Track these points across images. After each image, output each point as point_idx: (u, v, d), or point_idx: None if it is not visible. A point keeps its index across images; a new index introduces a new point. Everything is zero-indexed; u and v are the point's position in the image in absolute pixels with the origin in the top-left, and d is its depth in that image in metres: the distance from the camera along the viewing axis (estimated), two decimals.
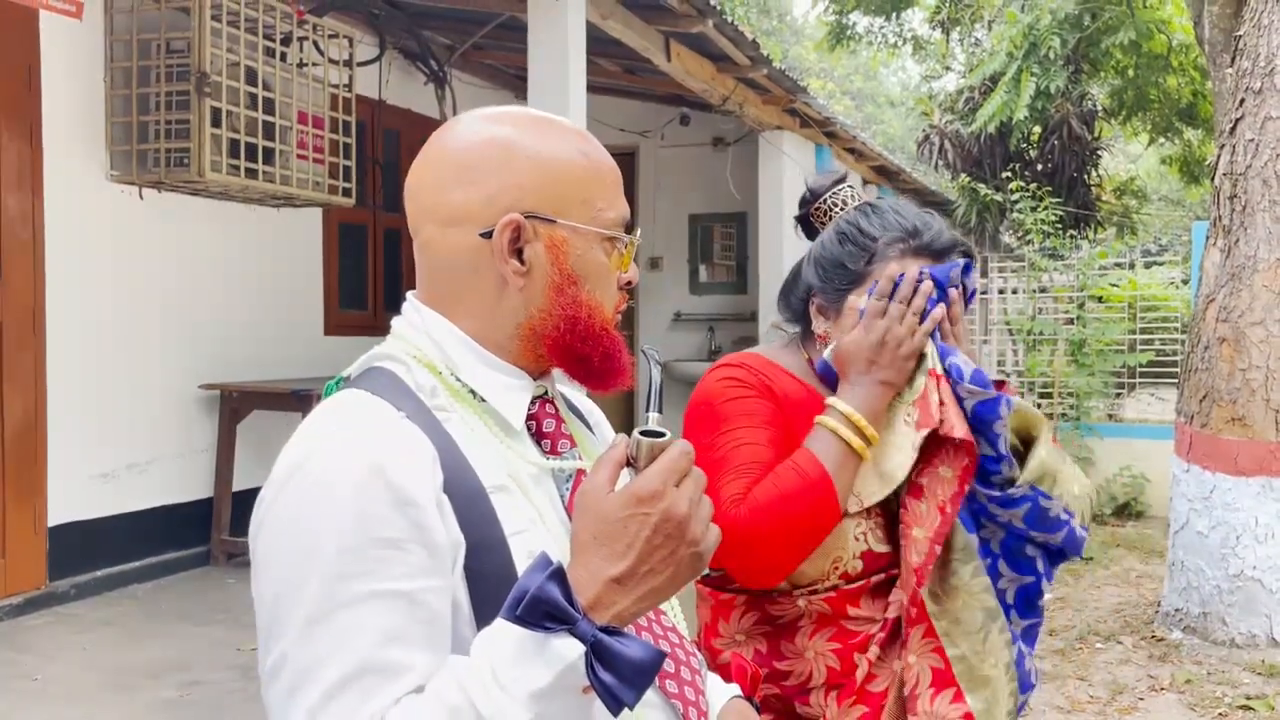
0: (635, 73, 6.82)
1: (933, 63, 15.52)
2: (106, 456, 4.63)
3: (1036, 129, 11.15)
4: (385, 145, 6.42)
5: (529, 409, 1.03)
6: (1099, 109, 11.88)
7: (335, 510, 0.86)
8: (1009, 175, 8.86)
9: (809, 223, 1.66)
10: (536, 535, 0.95)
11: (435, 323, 1.01)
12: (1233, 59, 4.22)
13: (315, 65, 4.97)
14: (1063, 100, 10.41)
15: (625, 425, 1.03)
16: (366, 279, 6.46)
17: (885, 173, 10.03)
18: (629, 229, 1.04)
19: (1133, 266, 8.75)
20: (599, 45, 5.41)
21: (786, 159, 7.49)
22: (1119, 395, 7.56)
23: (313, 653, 0.84)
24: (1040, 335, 7.05)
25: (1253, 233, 3.95)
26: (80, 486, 4.51)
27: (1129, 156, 18.10)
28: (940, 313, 1.46)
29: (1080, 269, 7.25)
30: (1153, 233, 16.75)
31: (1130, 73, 10.50)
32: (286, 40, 4.81)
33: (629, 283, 1.05)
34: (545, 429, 1.05)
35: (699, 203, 8.43)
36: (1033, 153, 11.65)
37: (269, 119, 4.59)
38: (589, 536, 0.85)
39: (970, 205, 11.19)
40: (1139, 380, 7.71)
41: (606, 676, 0.79)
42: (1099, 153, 12.09)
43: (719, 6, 5.27)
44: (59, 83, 4.36)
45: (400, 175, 5.79)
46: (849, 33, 13.44)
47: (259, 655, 0.90)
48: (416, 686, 0.85)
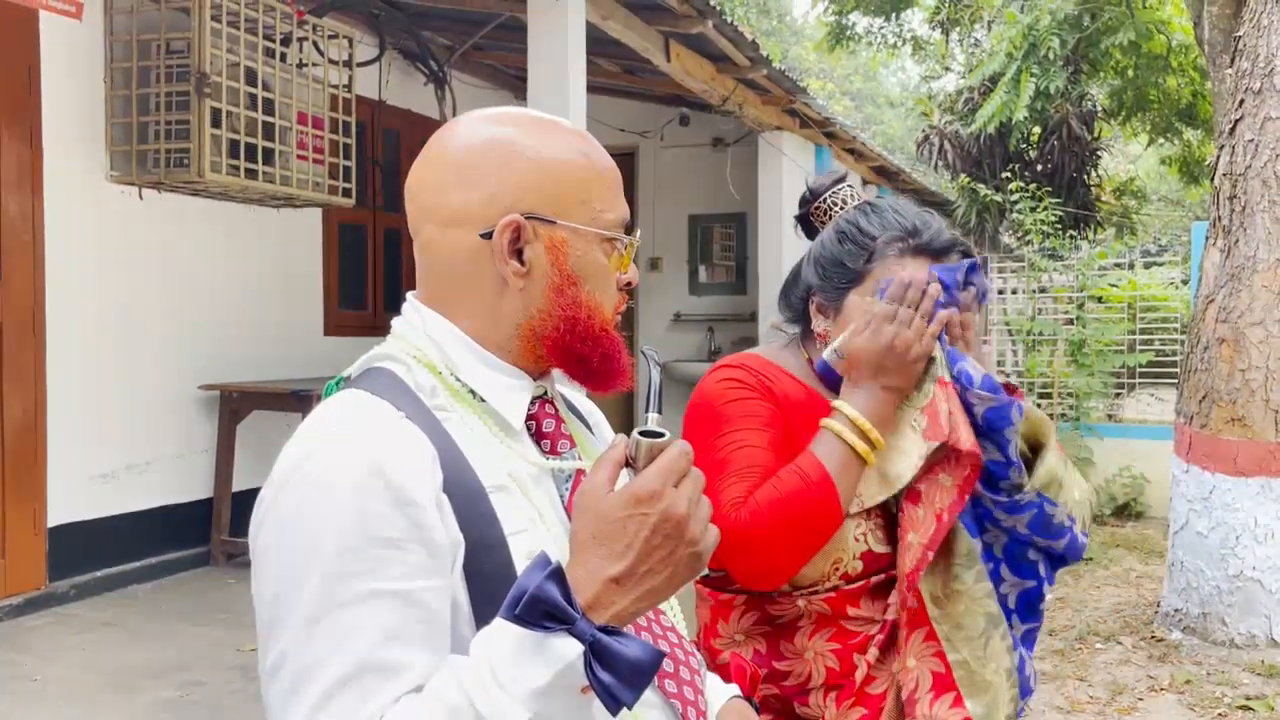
0: (635, 73, 6.82)
1: (932, 63, 15.51)
2: (106, 457, 4.63)
3: (1036, 129, 11.15)
4: (385, 146, 6.42)
5: (529, 409, 1.03)
6: (1098, 109, 11.88)
7: (335, 510, 0.86)
8: (1008, 176, 8.86)
9: (809, 222, 1.66)
10: (536, 535, 0.95)
11: (435, 323, 1.01)
12: (1232, 59, 4.22)
13: (315, 66, 4.97)
14: (1062, 101, 10.41)
15: (625, 426, 1.03)
16: (366, 279, 6.46)
17: (885, 173, 10.02)
18: (629, 230, 1.04)
19: (1132, 267, 8.75)
20: (599, 45, 5.41)
21: (786, 159, 7.49)
22: (1118, 395, 7.56)
23: (312, 652, 0.85)
24: (1040, 336, 7.04)
25: (1252, 233, 3.95)
26: (80, 487, 4.51)
27: (1128, 157, 18.10)
28: (947, 315, 1.45)
29: (1080, 269, 7.25)
30: (1152, 233, 16.75)
31: (1130, 73, 10.50)
32: (286, 41, 4.81)
33: (629, 283, 1.05)
34: (545, 429, 1.05)
35: (699, 203, 8.42)
36: (1032, 153, 11.65)
37: (269, 119, 4.59)
38: (588, 536, 0.85)
39: (970, 206, 11.18)
40: (1138, 380, 7.71)
41: (605, 676, 0.79)
42: (1098, 153, 12.09)
43: (719, 7, 5.27)
44: (59, 83, 4.36)
45: (400, 176, 5.81)
46: (848, 33, 13.44)
47: (259, 654, 0.90)
48: (416, 686, 0.85)
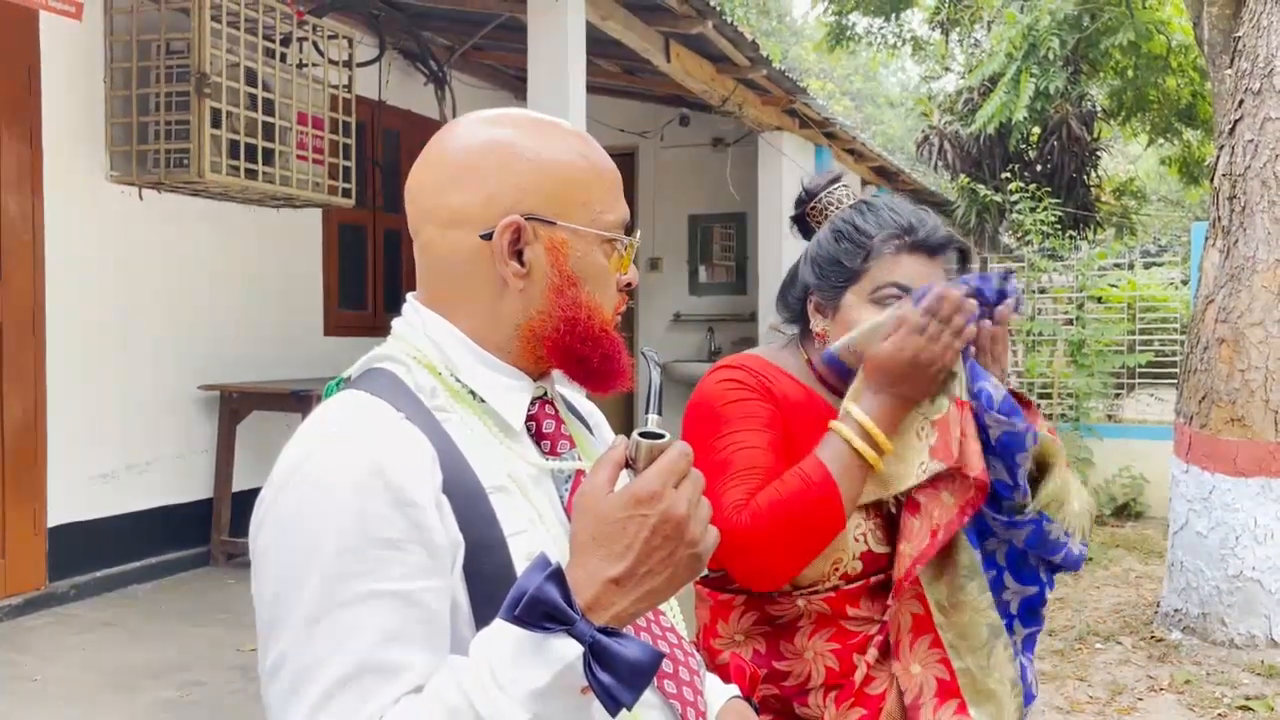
0: (635, 73, 6.82)
1: (932, 63, 15.51)
2: (106, 457, 4.63)
3: (1036, 130, 11.15)
4: (385, 146, 6.42)
5: (529, 410, 1.03)
6: (1098, 110, 11.88)
7: (335, 510, 0.86)
8: (1008, 176, 8.85)
9: (805, 223, 1.66)
10: (536, 536, 0.95)
11: (435, 324, 1.01)
12: (1232, 60, 4.22)
13: (315, 66, 4.97)
14: (1062, 101, 10.41)
15: (625, 427, 1.04)
16: (366, 279, 6.46)
17: (885, 173, 10.02)
18: (628, 231, 1.05)
19: (1132, 267, 8.75)
20: (599, 46, 5.41)
21: (786, 159, 7.49)
22: (1118, 396, 7.56)
23: (312, 652, 0.85)
24: (1039, 336, 7.04)
25: (1252, 233, 3.95)
26: (80, 487, 4.51)
27: (1128, 157, 18.10)
28: (974, 332, 1.43)
29: (1079, 270, 7.24)
30: (1152, 233, 16.75)
31: (1129, 73, 10.50)
32: (286, 41, 4.81)
33: (628, 284, 1.06)
34: (545, 430, 1.05)
35: (698, 203, 8.42)
36: (1032, 153, 11.65)
37: (269, 120, 4.59)
38: (588, 537, 0.85)
39: (969, 206, 11.18)
40: (1138, 381, 7.71)
41: (605, 677, 0.79)
42: (1098, 153, 12.09)
43: (718, 7, 5.27)
44: (59, 84, 4.36)
45: (400, 176, 5.80)
46: (848, 33, 13.43)
47: (259, 654, 0.91)
48: (415, 686, 0.85)
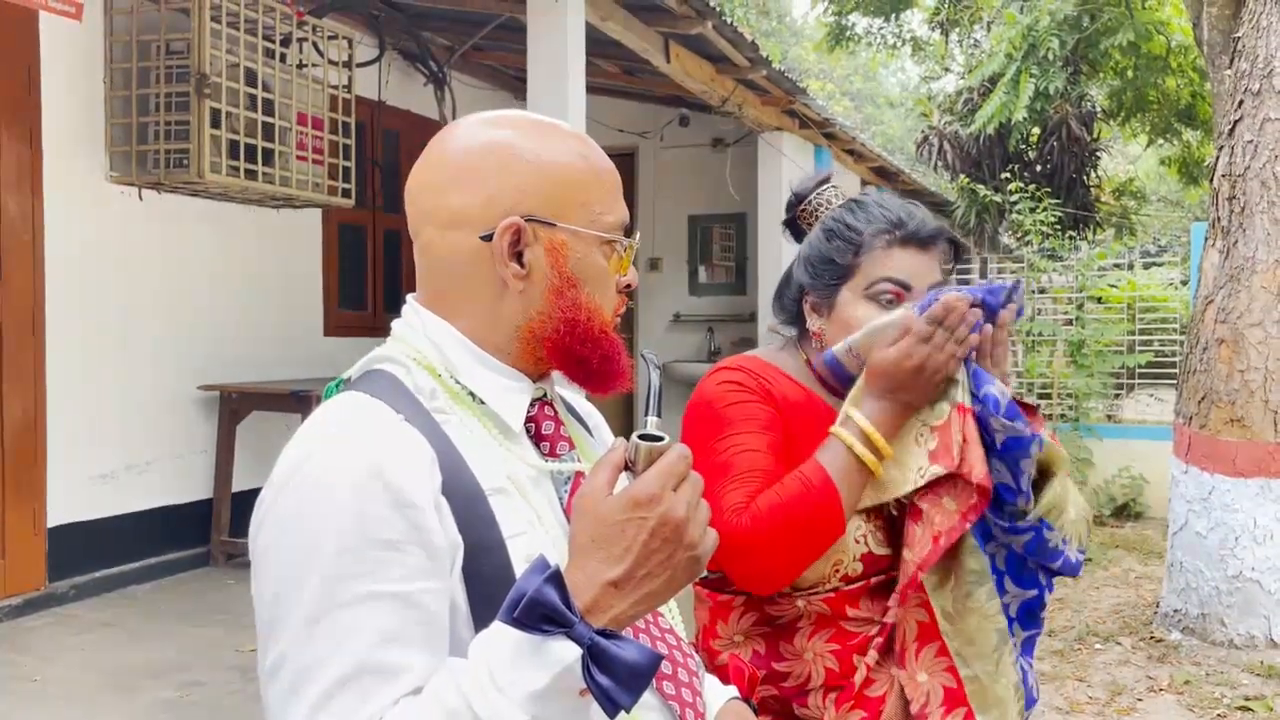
0: (634, 74, 6.83)
1: (932, 64, 15.52)
2: (106, 457, 4.63)
3: (1035, 130, 11.15)
4: (385, 146, 6.43)
5: (528, 411, 1.03)
6: (1098, 110, 11.88)
7: (335, 511, 0.86)
8: (1008, 176, 8.85)
9: (796, 225, 1.67)
10: (535, 538, 0.95)
11: (435, 325, 1.02)
12: (1231, 60, 4.22)
13: (315, 66, 4.97)
14: (1062, 101, 10.41)
15: (625, 428, 1.04)
16: (366, 280, 6.46)
17: (884, 174, 10.02)
18: (628, 232, 1.05)
19: (1131, 267, 8.75)
20: (598, 46, 5.41)
21: (786, 160, 7.50)
22: (1118, 396, 7.55)
23: (312, 653, 0.85)
24: (1039, 336, 7.03)
25: (1251, 234, 3.95)
26: (80, 487, 4.51)
27: (1128, 157, 18.10)
28: (976, 340, 1.44)
29: (1079, 270, 7.24)
30: (1151, 234, 16.75)
31: (1129, 74, 10.50)
32: (286, 41, 4.81)
33: (628, 285, 1.06)
34: (544, 431, 1.05)
35: (698, 203, 8.42)
36: (1032, 154, 11.65)
37: (268, 120, 4.59)
38: (587, 539, 0.85)
39: (969, 206, 11.19)
40: (1138, 381, 7.71)
41: (603, 679, 0.79)
42: (1098, 154, 12.09)
43: (718, 8, 5.27)
44: (59, 84, 4.36)
45: (400, 176, 5.80)
46: (848, 34, 13.44)
47: (258, 655, 0.91)
48: (414, 688, 0.85)
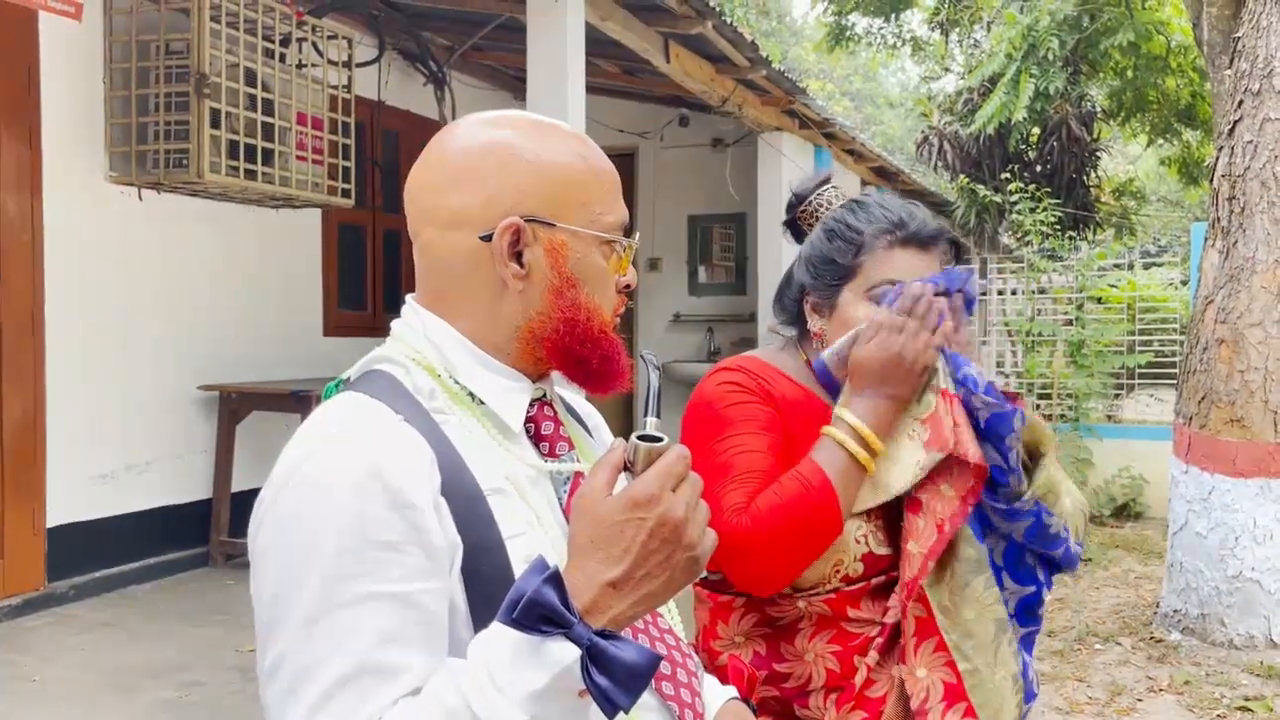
0: (634, 74, 6.82)
1: (932, 64, 15.52)
2: (105, 457, 4.63)
3: (1035, 130, 11.14)
4: (384, 146, 6.43)
5: (527, 411, 1.03)
6: (1098, 110, 11.88)
7: (334, 511, 0.86)
8: (1008, 176, 8.85)
9: (797, 226, 1.67)
10: (534, 538, 0.95)
11: (434, 325, 1.02)
12: (1231, 60, 4.22)
13: (314, 66, 4.97)
14: (1061, 101, 10.41)
15: (624, 428, 1.04)
16: (366, 280, 6.46)
17: (884, 174, 10.02)
18: (627, 232, 1.05)
19: (1131, 267, 8.75)
20: (598, 46, 5.40)
21: (786, 160, 7.49)
22: (1118, 396, 7.56)
23: (311, 653, 0.85)
24: (1039, 336, 7.03)
25: (1251, 234, 3.95)
26: (79, 487, 4.51)
27: (1128, 158, 18.11)
28: (949, 327, 1.46)
29: (1079, 270, 7.24)
30: (1151, 234, 16.76)
31: (1129, 74, 10.49)
32: (286, 41, 4.81)
33: (627, 286, 1.06)
34: (544, 431, 1.05)
35: (698, 204, 8.42)
36: (1031, 154, 11.65)
37: (268, 120, 4.59)
38: (586, 540, 0.85)
39: (969, 206, 11.19)
40: (1138, 381, 7.71)
41: (602, 680, 0.79)
42: (1098, 154, 12.09)
43: (718, 8, 5.26)
44: (58, 84, 4.36)
45: (399, 176, 5.81)
46: (848, 34, 13.44)
47: (257, 655, 0.91)
48: (414, 688, 0.85)
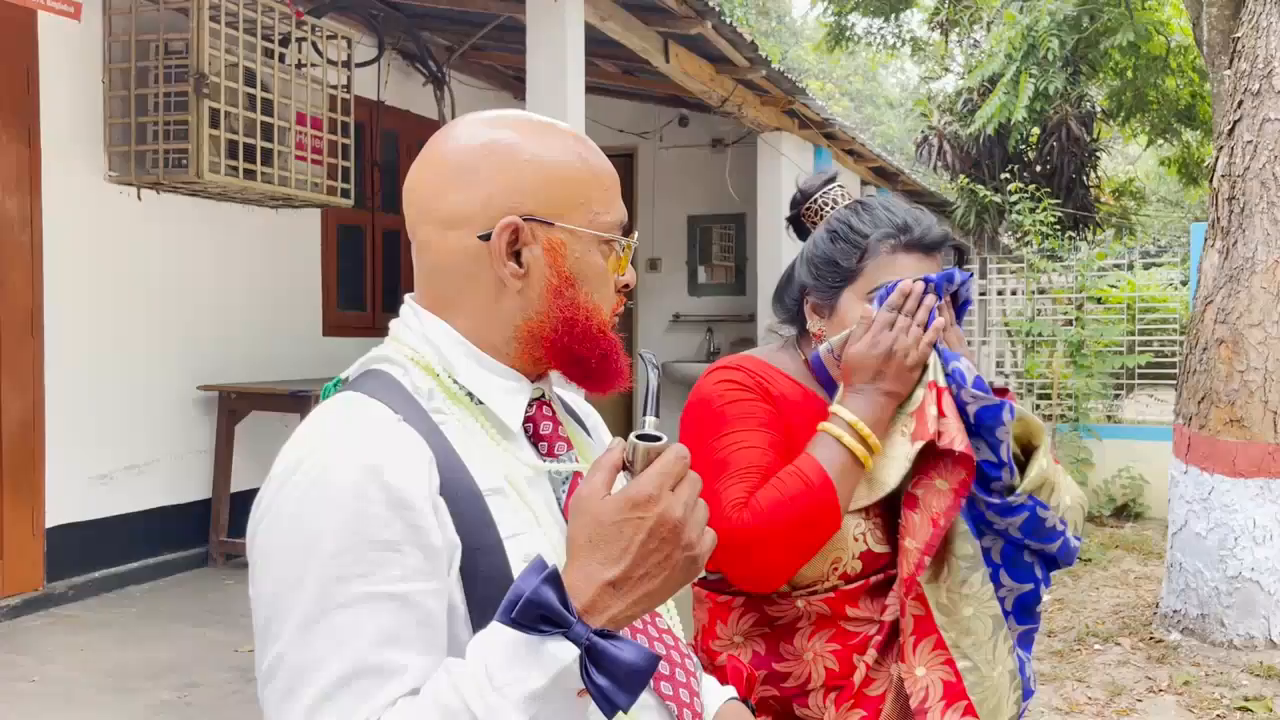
0: (634, 74, 6.82)
1: (931, 64, 15.53)
2: (105, 458, 4.63)
3: (1035, 130, 11.15)
4: (384, 146, 6.42)
5: (526, 411, 1.03)
6: (1098, 110, 11.88)
7: (332, 511, 0.86)
8: (1008, 176, 8.86)
9: (800, 223, 1.66)
10: (532, 538, 0.95)
11: (432, 325, 1.01)
12: (1231, 61, 4.22)
13: (314, 66, 4.97)
14: (1061, 102, 10.41)
15: (623, 428, 1.03)
16: (365, 280, 6.45)
17: (884, 174, 10.02)
18: (626, 232, 1.05)
19: (1131, 268, 8.76)
20: (598, 46, 5.40)
21: (785, 160, 7.49)
22: (1118, 396, 7.56)
23: (309, 654, 0.85)
24: (1039, 336, 7.04)
25: (1251, 234, 3.95)
26: (78, 488, 4.51)
27: (1128, 158, 18.12)
28: (942, 323, 1.47)
29: (1079, 270, 7.25)
30: (1151, 234, 16.77)
31: (1129, 74, 10.50)
32: (285, 41, 4.81)
33: (626, 285, 1.06)
34: (542, 431, 1.05)
35: (698, 204, 8.42)
36: (1031, 154, 11.65)
37: (267, 120, 4.58)
38: (584, 540, 0.85)
39: (969, 206, 11.19)
40: (1138, 381, 7.71)
41: (601, 680, 0.79)
42: (1098, 154, 12.10)
43: (717, 8, 5.26)
44: (57, 84, 4.36)
45: (399, 176, 5.80)
46: (848, 34, 13.44)
47: (256, 655, 0.90)
48: (412, 689, 0.85)
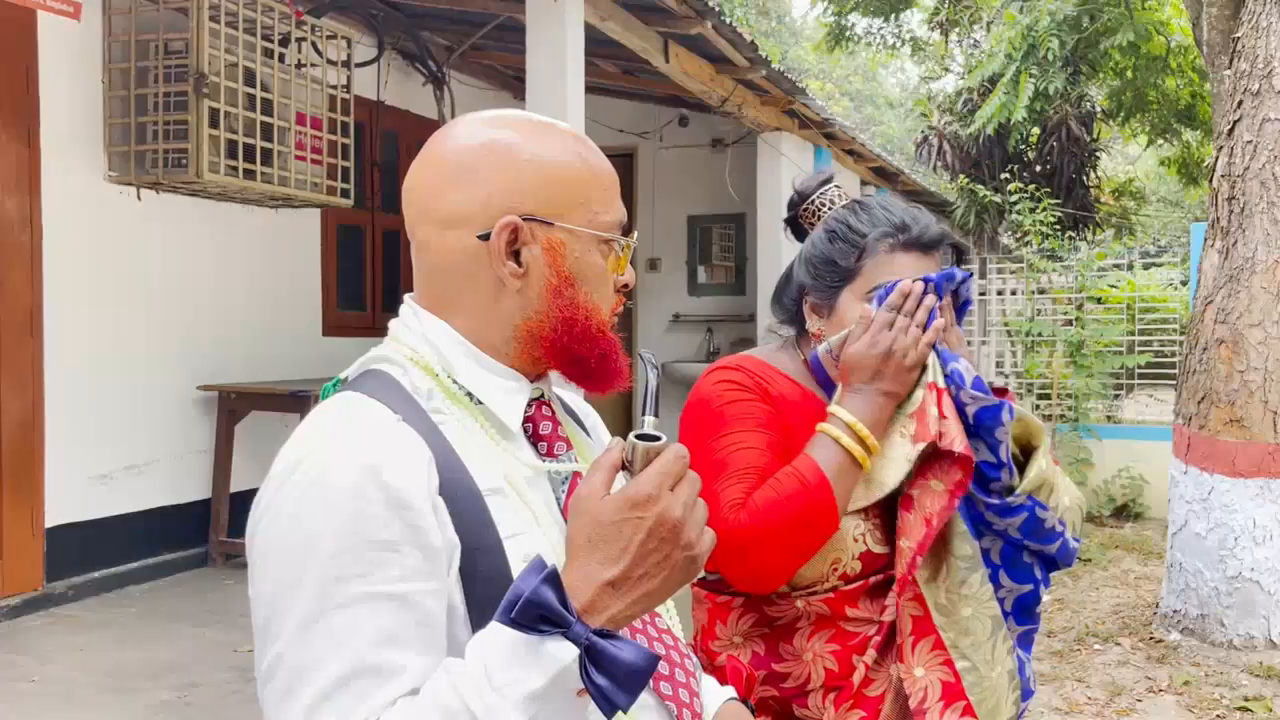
0: (634, 74, 6.82)
1: (931, 64, 15.53)
2: (104, 458, 4.63)
3: (1035, 130, 11.14)
4: (384, 146, 6.42)
5: (526, 411, 1.03)
6: (1097, 110, 11.88)
7: (331, 511, 0.86)
8: (1007, 176, 8.86)
9: (798, 224, 1.66)
10: (532, 538, 0.95)
11: (432, 325, 1.01)
12: (1231, 61, 4.22)
13: (314, 66, 4.97)
14: (1061, 102, 10.41)
15: (622, 428, 1.03)
16: (365, 280, 6.45)
17: (884, 174, 10.02)
18: (626, 231, 1.04)
19: (1131, 268, 8.76)
20: (597, 46, 5.40)
21: (785, 160, 7.49)
22: (1117, 396, 7.56)
23: (308, 654, 0.85)
24: (1039, 336, 7.04)
25: (1251, 234, 3.95)
26: (78, 488, 4.51)
27: (1127, 158, 18.12)
28: (942, 324, 1.47)
29: (1079, 270, 7.24)
30: (1151, 234, 16.78)
31: (1129, 74, 10.49)
32: (285, 41, 4.80)
33: (626, 285, 1.06)
34: (542, 431, 1.05)
35: (698, 204, 8.42)
36: (1031, 154, 11.65)
37: (267, 120, 4.58)
38: (584, 540, 0.85)
39: (969, 206, 11.19)
40: (1137, 381, 7.71)
41: (600, 680, 0.79)
42: (1097, 154, 12.10)
43: (717, 8, 5.26)
44: (57, 84, 4.36)
45: (399, 176, 5.80)
46: (848, 34, 13.44)
47: (255, 655, 0.90)
48: (411, 689, 0.85)
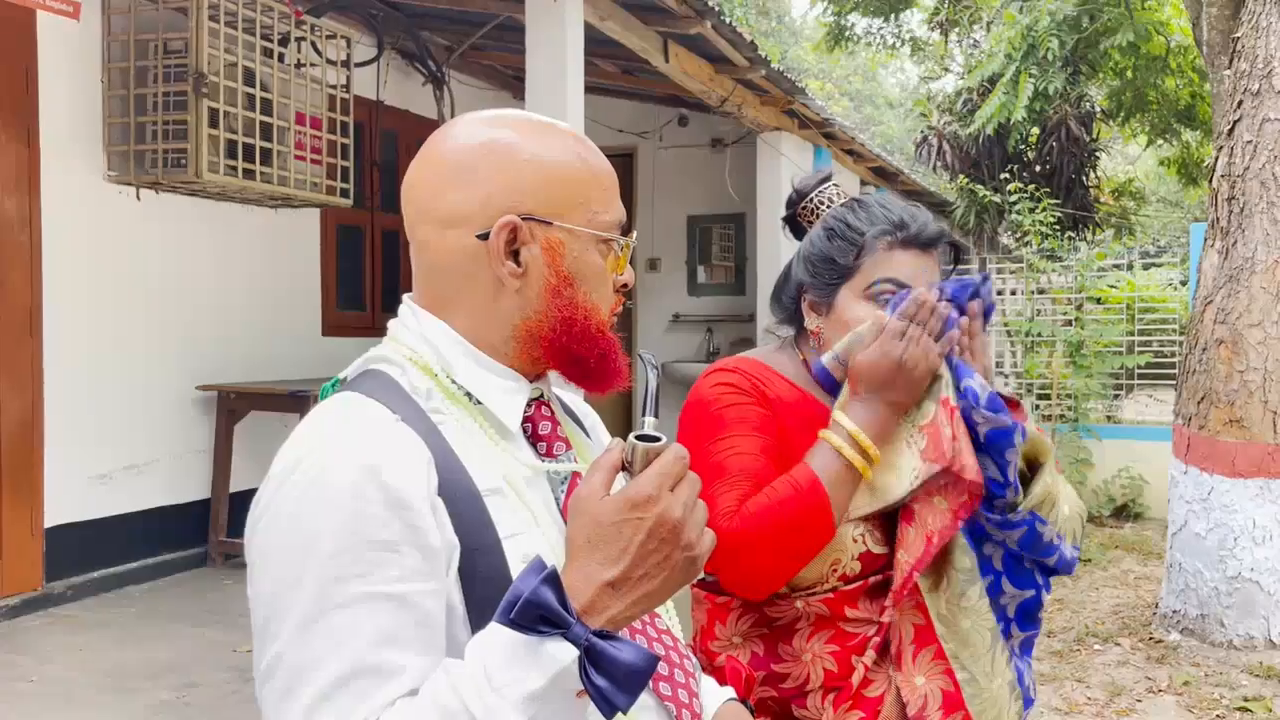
0: (633, 74, 6.82)
1: (931, 64, 15.52)
2: (104, 458, 4.62)
3: (1035, 130, 11.14)
4: (383, 146, 6.42)
5: (525, 411, 1.03)
6: (1097, 110, 11.88)
7: (330, 511, 0.86)
8: (1007, 176, 8.86)
9: (796, 222, 1.66)
10: (531, 538, 0.95)
11: (431, 325, 1.01)
12: (1231, 61, 4.22)
13: (313, 66, 4.97)
14: (1061, 102, 10.40)
15: (622, 428, 1.03)
16: (364, 280, 6.45)
17: (884, 174, 10.01)
18: (625, 231, 1.04)
19: (1131, 268, 8.75)
20: (597, 46, 5.40)
21: (785, 160, 7.49)
22: (1117, 397, 7.56)
23: (307, 654, 0.85)
24: (1038, 337, 7.03)
25: (1250, 234, 3.95)
26: (77, 488, 4.51)
27: (1127, 158, 18.12)
28: (956, 334, 1.45)
29: (1079, 270, 7.25)
30: (1151, 234, 16.78)
31: (1128, 74, 10.49)
32: (284, 41, 4.80)
33: (625, 285, 1.06)
34: (541, 431, 1.05)
35: (697, 204, 8.42)
36: (1031, 154, 11.65)
37: (267, 120, 4.58)
38: (583, 540, 0.85)
39: (969, 206, 11.19)
40: (1137, 382, 7.71)
41: (600, 680, 0.79)
42: (1097, 154, 12.09)
43: (717, 8, 5.26)
44: (56, 83, 4.36)
45: (398, 176, 5.82)
46: (847, 34, 13.43)
47: (254, 655, 0.90)
48: (410, 689, 0.85)
